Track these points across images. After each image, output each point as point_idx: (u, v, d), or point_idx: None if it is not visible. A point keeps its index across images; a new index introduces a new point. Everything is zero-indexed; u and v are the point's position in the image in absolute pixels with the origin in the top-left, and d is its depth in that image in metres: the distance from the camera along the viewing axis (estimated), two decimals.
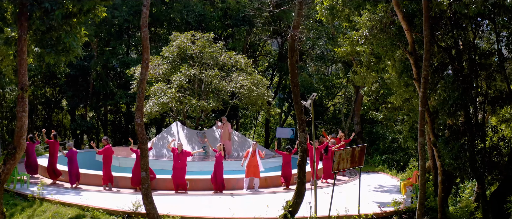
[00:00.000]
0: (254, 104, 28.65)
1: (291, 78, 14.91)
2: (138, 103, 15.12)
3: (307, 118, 15.70)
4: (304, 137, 14.77)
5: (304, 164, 15.26)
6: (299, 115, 14.89)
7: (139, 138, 14.98)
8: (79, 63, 36.37)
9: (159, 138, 27.02)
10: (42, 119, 40.99)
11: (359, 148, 17.13)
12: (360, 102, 34.85)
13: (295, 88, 14.85)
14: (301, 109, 14.95)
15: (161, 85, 27.00)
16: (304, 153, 14.94)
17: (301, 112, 14.89)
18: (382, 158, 32.22)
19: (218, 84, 27.49)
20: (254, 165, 20.93)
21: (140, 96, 15.07)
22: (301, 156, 15.02)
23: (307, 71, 35.78)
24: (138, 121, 15.09)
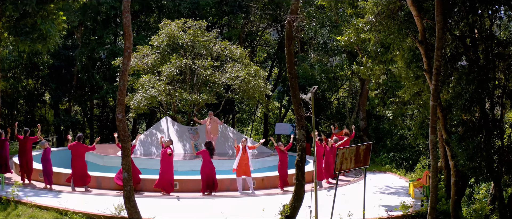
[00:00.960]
0: (251, 98, 28.35)
1: (289, 68, 14.44)
2: (119, 96, 14.55)
3: (306, 113, 15.08)
4: (302, 134, 14.25)
5: (303, 164, 14.80)
6: (297, 110, 14.44)
7: (120, 135, 14.48)
8: (63, 53, 35.86)
9: (147, 135, 26.67)
10: (23, 113, 40.64)
11: (365, 146, 16.71)
12: (365, 96, 34.55)
13: (293, 79, 14.37)
14: (300, 103, 14.50)
15: (150, 77, 26.71)
16: (303, 152, 14.44)
17: (300, 107, 14.44)
18: (390, 157, 31.81)
19: (210, 75, 27.16)
20: (245, 163, 20.59)
21: (121, 89, 14.54)
22: (299, 155, 14.54)
23: (308, 62, 35.24)
24: (120, 116, 14.54)
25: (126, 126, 14.77)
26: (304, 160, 14.80)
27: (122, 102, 14.60)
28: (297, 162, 14.77)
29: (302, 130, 14.39)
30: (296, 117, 14.61)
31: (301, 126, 14.53)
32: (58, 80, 37.66)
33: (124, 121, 14.63)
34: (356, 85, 39.30)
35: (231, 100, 34.96)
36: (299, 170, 14.75)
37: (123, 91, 14.61)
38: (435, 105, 15.65)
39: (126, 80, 14.77)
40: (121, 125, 14.61)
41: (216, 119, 26.82)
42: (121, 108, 14.58)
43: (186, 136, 27.05)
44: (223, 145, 27.19)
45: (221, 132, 27.84)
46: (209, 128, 26.01)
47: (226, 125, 28.37)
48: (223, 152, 26.96)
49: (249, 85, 27.23)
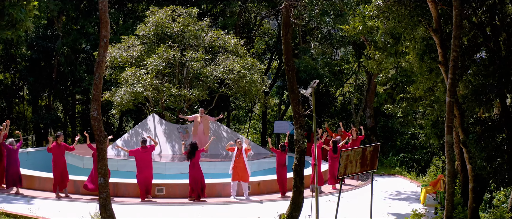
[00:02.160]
0: (246, 93, 27.97)
1: (285, 60, 13.94)
2: (94, 91, 14.05)
3: (306, 111, 14.48)
4: (301, 134, 13.60)
5: (301, 168, 14.29)
6: (295, 107, 13.97)
7: (95, 135, 13.98)
8: (41, 44, 35.29)
9: (131, 134, 26.19)
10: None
11: (372, 148, 16.36)
12: (373, 92, 34.19)
13: (290, 72, 13.85)
14: (298, 100, 14.03)
15: (135, 70, 26.27)
16: (301, 155, 13.89)
17: (298, 104, 13.95)
18: (399, 158, 31.47)
19: (202, 68, 26.81)
20: (241, 166, 20.07)
21: (96, 83, 14.01)
22: (297, 158, 13.96)
23: (309, 54, 34.74)
24: (94, 114, 14.03)
25: (102, 124, 14.22)
26: (303, 164, 14.31)
27: (97, 98, 14.13)
28: (295, 166, 14.30)
29: (300, 130, 13.76)
30: (294, 115, 14.13)
31: (299, 126, 13.97)
32: (36, 74, 37.12)
33: (99, 119, 14.13)
34: (363, 80, 39.05)
35: (226, 96, 34.43)
36: (298, 175, 14.25)
37: (98, 86, 14.12)
38: (452, 101, 15.02)
39: (102, 73, 14.26)
40: (96, 124, 14.12)
41: (208, 116, 26.35)
42: (96, 104, 14.12)
43: (175, 135, 26.56)
44: (216, 146, 26.59)
45: (214, 131, 27.29)
46: (201, 127, 25.34)
47: (219, 123, 27.71)
48: (216, 153, 26.32)
49: (244, 79, 26.84)
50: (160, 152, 25.43)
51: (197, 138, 24.79)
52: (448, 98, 15.05)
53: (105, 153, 14.07)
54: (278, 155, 20.57)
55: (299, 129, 13.96)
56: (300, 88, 15.56)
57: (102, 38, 14.16)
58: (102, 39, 14.17)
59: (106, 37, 14.20)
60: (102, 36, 14.15)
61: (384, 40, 18.63)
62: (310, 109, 15.27)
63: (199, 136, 25.27)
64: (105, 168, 14.02)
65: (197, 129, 25.48)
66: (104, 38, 14.17)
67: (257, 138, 49.12)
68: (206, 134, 25.60)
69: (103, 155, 14.03)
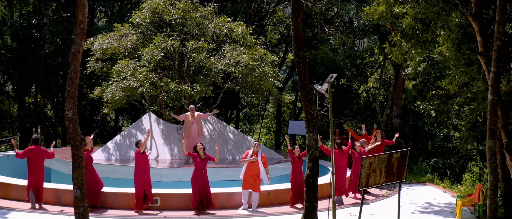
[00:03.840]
0: (256, 89, 27.65)
1: (295, 50, 13.40)
2: (69, 87, 13.43)
3: (320, 111, 13.87)
4: (314, 139, 12.70)
5: (314, 179, 13.72)
6: (306, 107, 13.44)
7: (71, 139, 13.29)
8: (27, 34, 34.82)
9: (124, 136, 25.81)
10: None
11: (399, 155, 15.48)
12: (401, 87, 33.97)
13: (301, 65, 13.31)
14: (311, 98, 13.44)
15: (128, 63, 25.87)
16: (314, 164, 13.31)
17: (311, 102, 13.41)
18: (431, 163, 30.97)
19: (205, 60, 26.41)
20: (253, 174, 19.21)
21: (72, 78, 13.38)
22: (310, 168, 13.37)
23: (329, 45, 34.15)
24: (69, 114, 13.39)
25: (78, 126, 13.49)
26: (316, 174, 13.73)
27: (72, 95, 13.44)
28: (308, 177, 13.74)
29: (313, 133, 12.88)
30: (306, 116, 13.61)
31: (312, 128, 13.31)
32: (22, 67, 36.80)
33: (75, 120, 13.42)
34: (389, 74, 38.99)
35: (234, 92, 34.07)
36: (310, 188, 13.69)
37: (74, 81, 13.37)
38: (495, 100, 14.12)
39: (78, 65, 13.47)
40: (71, 126, 13.44)
41: (201, 113, 25.67)
42: (71, 102, 13.43)
43: (174, 137, 26.16)
44: (221, 149, 26.03)
45: (219, 133, 26.91)
46: (194, 127, 24.62)
47: (225, 123, 27.38)
48: (220, 157, 25.50)
49: (253, 73, 26.43)
50: (156, 156, 25.01)
51: (191, 141, 23.93)
52: (491, 95, 14.31)
53: (81, 160, 13.35)
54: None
55: (311, 132, 13.11)
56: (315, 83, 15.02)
57: (79, 25, 13.37)
58: (79, 25, 13.38)
59: (83, 23, 13.41)
60: (79, 22, 13.37)
61: (412, 26, 17.83)
62: (326, 109, 14.51)
63: (194, 138, 24.43)
64: (82, 178, 13.33)
65: (190, 130, 24.64)
66: (80, 24, 13.37)
67: (271, 139, 49.12)
68: (201, 135, 24.98)
69: (79, 162, 13.32)
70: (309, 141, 13.55)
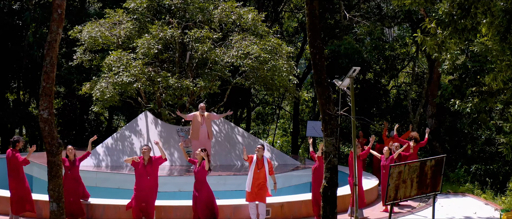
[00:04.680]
0: (268, 85, 27.61)
1: (310, 39, 13.12)
2: (44, 82, 13.65)
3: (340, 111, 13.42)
4: (332, 144, 12.41)
5: (333, 191, 13.46)
6: (323, 106, 13.21)
7: (46, 143, 13.33)
8: (6, 21, 35.20)
9: (116, 139, 25.74)
10: None
11: (433, 162, 15.64)
12: (436, 83, 33.63)
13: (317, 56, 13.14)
14: (328, 96, 13.18)
15: (121, 54, 25.70)
16: (333, 174, 13.23)
17: (328, 101, 13.16)
18: (471, 170, 30.73)
19: (209, 52, 26.20)
20: (260, 183, 18.77)
21: (47, 71, 13.56)
22: (327, 179, 13.25)
23: (353, 35, 33.88)
24: (45, 114, 13.52)
25: (55, 129, 13.39)
26: (334, 185, 13.51)
27: (48, 92, 13.54)
28: (325, 189, 13.49)
29: (331, 137, 12.71)
30: (323, 117, 13.34)
31: (330, 132, 13.19)
32: (1, 59, 36.97)
33: (51, 121, 13.44)
34: (423, 68, 38.78)
35: (244, 89, 34.07)
36: (328, 202, 13.54)
37: (50, 75, 13.48)
38: None
39: (55, 56, 13.57)
40: (47, 128, 13.49)
41: (213, 114, 25.86)
42: (46, 101, 13.51)
43: (174, 140, 26.04)
44: (228, 154, 26.26)
45: (226, 135, 26.92)
46: (203, 128, 24.31)
47: (233, 124, 27.28)
48: (227, 163, 25.96)
49: (265, 66, 26.27)
50: None
51: (198, 144, 23.65)
52: None
53: (58, 169, 13.37)
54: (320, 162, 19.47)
55: (329, 136, 12.87)
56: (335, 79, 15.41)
57: (56, 9, 13.50)
58: (56, 9, 13.50)
59: (61, 7, 13.53)
60: (55, 6, 13.51)
61: (449, 11, 17.40)
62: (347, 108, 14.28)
63: (201, 141, 24.31)
64: (59, 190, 13.38)
65: (198, 131, 24.48)
66: (58, 8, 13.51)
67: (287, 142, 49.30)
68: (211, 138, 24.88)
69: (56, 171, 13.37)
70: (326, 147, 13.34)
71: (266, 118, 50.58)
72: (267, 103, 48.47)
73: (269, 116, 50.80)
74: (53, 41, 13.14)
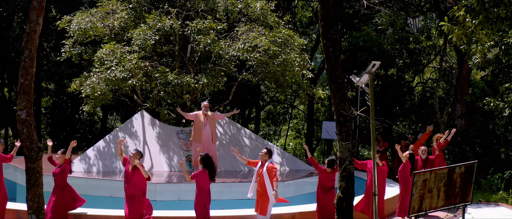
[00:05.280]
0: (279, 81, 27.50)
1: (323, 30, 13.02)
2: (22, 79, 13.65)
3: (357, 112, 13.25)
4: (348, 150, 12.10)
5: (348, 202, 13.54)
6: (337, 106, 13.26)
7: (24, 148, 13.53)
8: None
9: (108, 141, 25.55)
10: None
11: (463, 169, 15.56)
12: (466, 80, 33.51)
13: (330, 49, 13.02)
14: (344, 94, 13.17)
15: (114, 47, 25.55)
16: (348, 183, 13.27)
17: (343, 100, 13.20)
18: (505, 177, 30.48)
19: (213, 45, 26.00)
20: (260, 191, 18.45)
21: (26, 66, 13.47)
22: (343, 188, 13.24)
23: (373, 25, 33.60)
24: (23, 115, 13.52)
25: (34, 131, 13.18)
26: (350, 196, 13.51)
27: (27, 90, 13.63)
28: (340, 200, 13.48)
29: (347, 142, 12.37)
30: (337, 118, 13.27)
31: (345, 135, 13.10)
32: None
33: (29, 122, 13.49)
34: (452, 62, 38.86)
35: (251, 86, 34.27)
36: (343, 214, 13.54)
37: (28, 70, 13.48)
38: None
39: (35, 50, 13.64)
40: (25, 130, 13.42)
41: (217, 114, 25.72)
42: (25, 99, 13.60)
43: (173, 143, 25.94)
44: (234, 158, 25.52)
45: (231, 137, 26.81)
46: (207, 130, 24.03)
47: (239, 125, 27.32)
48: (233, 169, 25.92)
49: (275, 60, 26.15)
50: (150, 168, 24.64)
51: (201, 147, 23.10)
52: None
53: (38, 176, 13.38)
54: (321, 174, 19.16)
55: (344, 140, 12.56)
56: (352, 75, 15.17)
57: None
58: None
59: None
60: None
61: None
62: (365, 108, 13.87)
63: (204, 143, 24.02)
64: (39, 201, 13.37)
65: (200, 133, 24.26)
66: None
67: (301, 145, 49.41)
68: (215, 141, 24.64)
69: (36, 179, 13.36)
70: (341, 152, 13.31)
71: (277, 118, 50.58)
72: (279, 101, 48.39)
73: (280, 116, 50.79)
74: (32, 32, 13.05)
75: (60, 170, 17.84)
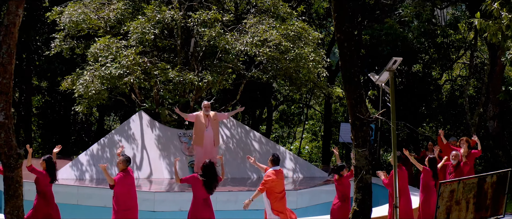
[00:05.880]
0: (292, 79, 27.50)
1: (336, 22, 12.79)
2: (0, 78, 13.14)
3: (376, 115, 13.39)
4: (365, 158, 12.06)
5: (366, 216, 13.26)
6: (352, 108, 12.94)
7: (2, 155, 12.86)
8: None
9: (103, 145, 25.46)
10: None
11: (495, 178, 15.45)
12: (499, 76, 33.28)
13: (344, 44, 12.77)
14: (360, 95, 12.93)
15: (109, 41, 25.42)
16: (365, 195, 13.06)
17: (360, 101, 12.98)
18: None
19: (218, 39, 25.90)
20: None
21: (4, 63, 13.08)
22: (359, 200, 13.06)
23: (397, 17, 33.29)
24: (1, 117, 13.28)
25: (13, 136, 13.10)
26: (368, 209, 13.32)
27: (6, 89, 13.17)
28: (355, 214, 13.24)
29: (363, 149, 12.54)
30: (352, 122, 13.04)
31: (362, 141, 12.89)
32: None
33: (8, 127, 13.06)
34: (483, 58, 38.80)
35: (264, 84, 34.17)
36: None
37: (7, 67, 13.05)
38: None
39: (14, 44, 13.16)
40: (2, 135, 13.01)
41: (220, 113, 25.45)
42: (3, 100, 13.10)
43: (175, 147, 25.85)
44: (241, 164, 26.04)
45: (239, 140, 26.69)
46: (208, 133, 23.76)
47: (247, 127, 27.38)
48: (241, 176, 25.80)
49: (287, 56, 25.96)
50: (149, 175, 24.62)
51: (202, 152, 23.34)
52: None
53: (17, 187, 13.01)
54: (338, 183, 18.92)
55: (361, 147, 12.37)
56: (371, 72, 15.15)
57: None
58: None
59: None
60: None
61: None
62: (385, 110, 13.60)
63: (206, 148, 23.83)
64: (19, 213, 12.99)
65: (202, 136, 23.96)
66: None
67: (317, 148, 49.49)
68: (217, 145, 24.41)
69: (15, 190, 12.98)
70: (357, 160, 13.16)
71: (291, 119, 50.50)
72: (293, 100, 48.23)
73: (295, 117, 50.72)
74: (11, 24, 12.77)
75: None
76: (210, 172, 16.97)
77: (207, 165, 17.21)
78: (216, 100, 35.54)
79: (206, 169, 17.08)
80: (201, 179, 16.98)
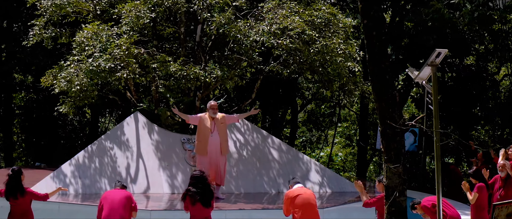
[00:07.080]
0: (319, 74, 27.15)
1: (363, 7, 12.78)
2: None
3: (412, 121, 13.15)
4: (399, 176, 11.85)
5: None
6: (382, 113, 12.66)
7: None
8: None
9: (91, 153, 25.11)
10: None
11: None
12: None
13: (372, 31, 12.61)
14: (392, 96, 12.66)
15: (98, 28, 25.04)
16: None
17: (392, 105, 12.69)
18: None
19: (229, 26, 25.36)
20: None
21: None
22: None
23: (444, 0, 32.73)
24: None
25: None
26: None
27: None
28: None
29: (396, 165, 12.19)
30: (382, 130, 12.88)
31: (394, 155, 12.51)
32: None
33: None
34: None
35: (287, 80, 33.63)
36: None
37: None
38: None
39: None
40: None
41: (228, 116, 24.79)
42: None
43: (177, 155, 25.52)
44: (257, 177, 25.76)
45: (255, 148, 26.24)
46: (214, 138, 23.11)
47: (265, 132, 27.23)
48: (256, 191, 25.39)
49: (311, 48, 25.48)
50: (146, 189, 24.30)
51: (206, 163, 22.70)
52: None
53: None
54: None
55: (393, 162, 11.72)
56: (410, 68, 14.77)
57: None
58: None
59: None
60: None
61: None
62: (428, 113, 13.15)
63: (211, 157, 23.21)
64: None
65: (206, 143, 23.34)
66: None
67: (352, 155, 49.51)
68: (225, 153, 23.70)
69: None
70: (389, 178, 12.68)
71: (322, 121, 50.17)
72: (323, 99, 47.61)
73: (326, 118, 50.37)
74: None
75: None
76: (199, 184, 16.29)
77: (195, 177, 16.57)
78: (231, 99, 35.05)
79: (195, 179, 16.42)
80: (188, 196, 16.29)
